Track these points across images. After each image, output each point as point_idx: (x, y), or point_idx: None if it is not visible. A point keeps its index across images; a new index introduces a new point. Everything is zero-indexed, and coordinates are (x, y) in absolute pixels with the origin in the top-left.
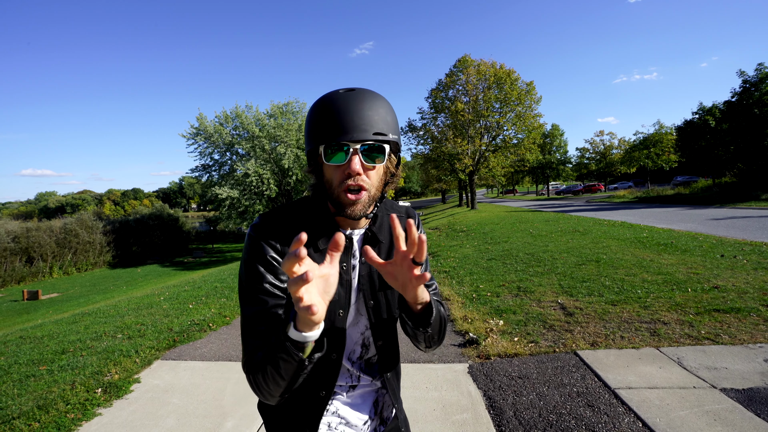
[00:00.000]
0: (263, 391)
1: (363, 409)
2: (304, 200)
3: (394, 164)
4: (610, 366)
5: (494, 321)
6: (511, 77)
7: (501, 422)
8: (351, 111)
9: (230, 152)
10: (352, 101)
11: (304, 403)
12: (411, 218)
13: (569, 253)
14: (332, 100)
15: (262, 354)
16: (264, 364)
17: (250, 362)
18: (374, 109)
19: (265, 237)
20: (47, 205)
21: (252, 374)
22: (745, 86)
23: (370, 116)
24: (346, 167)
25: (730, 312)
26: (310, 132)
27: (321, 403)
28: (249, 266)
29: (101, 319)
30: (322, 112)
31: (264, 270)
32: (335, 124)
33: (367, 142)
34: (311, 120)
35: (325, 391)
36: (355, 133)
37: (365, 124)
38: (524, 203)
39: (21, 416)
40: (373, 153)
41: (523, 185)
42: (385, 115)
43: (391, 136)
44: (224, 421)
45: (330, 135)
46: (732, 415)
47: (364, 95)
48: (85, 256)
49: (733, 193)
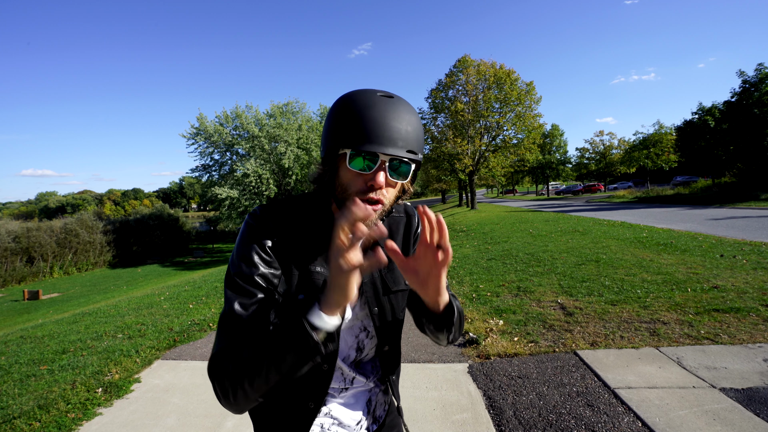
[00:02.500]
0: (239, 393)
1: (356, 409)
2: (305, 196)
3: (410, 181)
4: (609, 366)
5: (494, 321)
6: (510, 77)
7: (501, 422)
8: (388, 120)
9: (230, 152)
10: (390, 110)
11: (291, 414)
12: (411, 216)
13: (569, 253)
14: (367, 101)
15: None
16: (255, 359)
17: (229, 358)
18: (411, 124)
19: (264, 227)
20: (48, 205)
21: (228, 374)
22: (745, 86)
23: (406, 131)
24: (369, 178)
25: (730, 312)
26: (335, 129)
27: (310, 415)
28: (242, 254)
29: (102, 319)
30: (355, 112)
31: (258, 260)
32: (368, 130)
33: (398, 158)
34: (339, 116)
35: (314, 403)
36: (389, 146)
37: (401, 139)
38: (524, 203)
39: (22, 416)
40: (400, 169)
41: (523, 185)
42: (419, 132)
43: (420, 156)
44: (224, 421)
45: (360, 140)
46: (731, 415)
47: (402, 106)
48: (86, 256)
49: (733, 193)
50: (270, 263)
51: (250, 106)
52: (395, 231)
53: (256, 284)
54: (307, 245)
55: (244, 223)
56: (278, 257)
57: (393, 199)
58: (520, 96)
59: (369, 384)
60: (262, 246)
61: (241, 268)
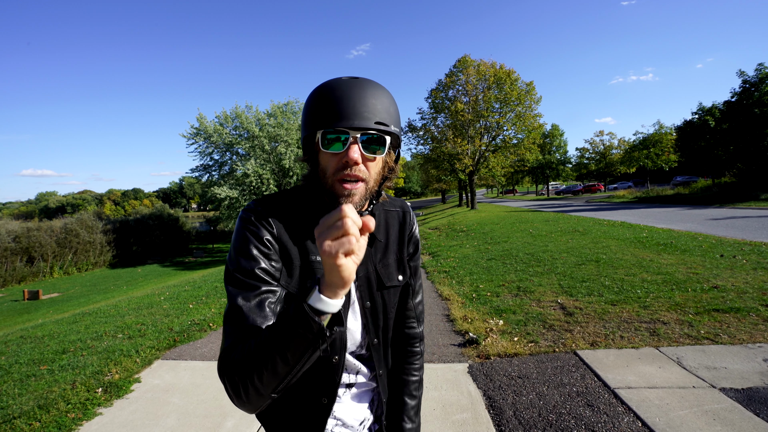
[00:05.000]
0: (250, 389)
1: (360, 409)
2: (296, 190)
3: (393, 159)
4: (609, 366)
5: (494, 321)
6: (511, 77)
7: (501, 422)
8: (353, 97)
9: (230, 152)
10: (356, 88)
11: (305, 412)
12: (406, 212)
13: (569, 253)
14: (334, 85)
15: (259, 340)
16: (262, 350)
17: (237, 355)
18: (378, 98)
19: (260, 219)
20: (48, 205)
21: (237, 369)
22: (745, 86)
23: (373, 104)
24: (343, 155)
25: (730, 312)
26: (308, 116)
27: (324, 411)
28: (240, 249)
29: (102, 319)
30: (323, 97)
31: (257, 253)
32: (336, 110)
33: (368, 131)
34: (310, 104)
35: (327, 398)
36: (356, 120)
37: (368, 112)
38: (524, 203)
39: (22, 416)
40: (374, 144)
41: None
42: (389, 105)
43: (393, 128)
44: (224, 421)
45: (329, 120)
46: (731, 415)
47: (368, 83)
48: (86, 256)
49: (733, 193)
50: (269, 255)
51: (250, 105)
52: (390, 225)
53: (257, 278)
54: (303, 236)
55: (238, 219)
56: (276, 249)
57: (377, 178)
58: (520, 96)
59: (371, 383)
60: (260, 239)
61: (240, 263)
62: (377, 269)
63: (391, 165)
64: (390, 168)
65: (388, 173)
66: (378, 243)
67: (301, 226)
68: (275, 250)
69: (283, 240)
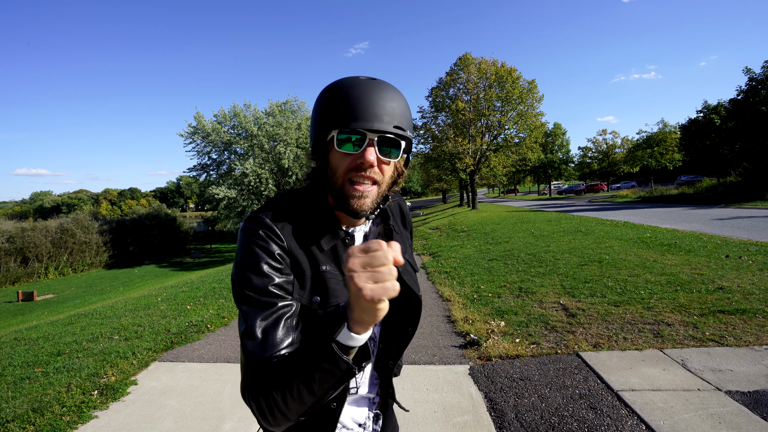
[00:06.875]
0: (277, 414)
1: (360, 412)
2: (301, 192)
3: (403, 163)
4: (612, 368)
5: (495, 322)
6: (512, 75)
7: (502, 424)
8: (372, 99)
9: (228, 151)
10: (375, 89)
11: (312, 418)
12: (400, 202)
13: (571, 254)
14: (352, 84)
15: (284, 367)
16: (288, 379)
17: (261, 379)
18: (396, 101)
19: (268, 232)
20: (43, 204)
21: (263, 395)
22: (752, 84)
23: (392, 108)
24: (358, 157)
25: (735, 313)
26: (321, 114)
27: (333, 417)
28: (250, 265)
29: (97, 321)
30: (340, 96)
31: (269, 269)
32: (353, 109)
33: (386, 134)
34: (324, 102)
35: (336, 403)
36: (375, 122)
37: (387, 115)
38: (526, 203)
39: (16, 419)
40: (390, 147)
41: (525, 185)
42: (405, 110)
43: (409, 133)
44: (222, 424)
45: (346, 119)
46: (737, 418)
47: (387, 86)
48: (81, 256)
49: (739, 192)
50: (281, 270)
51: (248, 104)
52: (395, 214)
53: (272, 294)
54: (311, 243)
55: (242, 230)
56: (287, 262)
57: (389, 182)
58: (522, 94)
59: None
60: (270, 254)
61: (252, 281)
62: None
63: (401, 169)
64: (399, 172)
65: (397, 177)
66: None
67: (308, 233)
68: (287, 264)
69: (294, 252)
